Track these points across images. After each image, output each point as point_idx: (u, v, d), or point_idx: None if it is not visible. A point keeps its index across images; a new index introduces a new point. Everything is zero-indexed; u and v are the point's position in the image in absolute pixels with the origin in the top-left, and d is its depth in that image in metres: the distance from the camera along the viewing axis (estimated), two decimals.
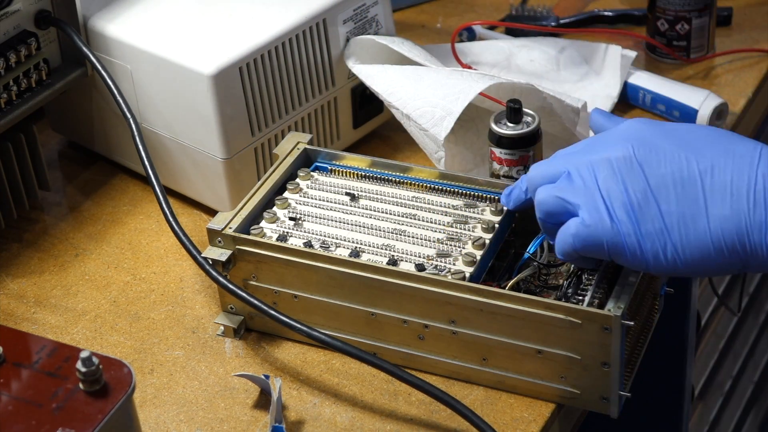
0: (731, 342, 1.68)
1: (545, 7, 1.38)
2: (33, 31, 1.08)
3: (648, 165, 0.84)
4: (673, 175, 0.84)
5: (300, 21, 1.10)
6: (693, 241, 0.83)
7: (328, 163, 1.05)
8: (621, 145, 0.85)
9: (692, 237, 0.83)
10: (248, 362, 0.97)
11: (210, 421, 0.92)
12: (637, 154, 0.84)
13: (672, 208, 0.83)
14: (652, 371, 1.21)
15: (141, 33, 1.10)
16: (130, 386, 0.75)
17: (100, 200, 1.17)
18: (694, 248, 0.83)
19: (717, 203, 0.82)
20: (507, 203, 0.94)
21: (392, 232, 0.97)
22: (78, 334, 1.01)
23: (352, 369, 0.96)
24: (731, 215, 0.82)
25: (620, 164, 0.85)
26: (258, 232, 0.97)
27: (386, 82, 1.11)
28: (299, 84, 1.11)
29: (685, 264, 0.83)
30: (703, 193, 0.83)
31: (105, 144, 1.20)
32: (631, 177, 0.84)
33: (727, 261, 0.83)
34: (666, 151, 0.84)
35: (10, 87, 1.06)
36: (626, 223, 0.84)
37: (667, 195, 0.83)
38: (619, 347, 0.87)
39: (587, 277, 0.91)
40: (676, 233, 0.83)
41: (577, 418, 0.97)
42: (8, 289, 1.06)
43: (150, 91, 1.10)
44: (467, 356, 0.93)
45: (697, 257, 0.83)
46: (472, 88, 1.05)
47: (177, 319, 1.02)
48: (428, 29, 1.40)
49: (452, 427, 0.91)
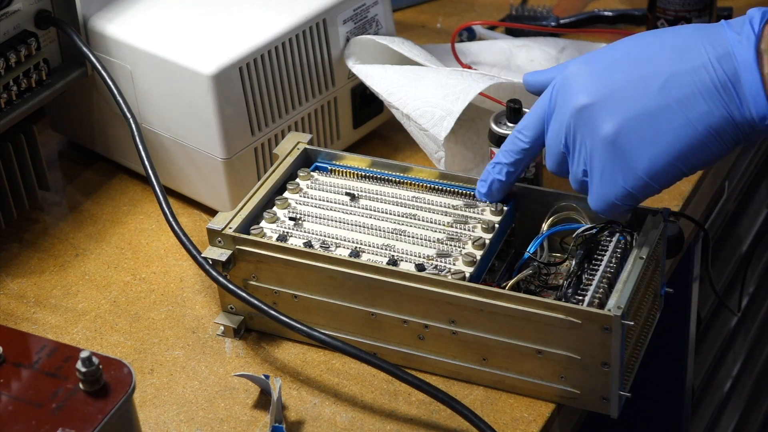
0: (731, 342, 1.68)
1: (545, 7, 1.38)
2: (33, 31, 1.08)
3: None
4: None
5: (300, 21, 1.10)
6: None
7: (328, 163, 1.05)
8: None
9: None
10: (248, 362, 0.97)
11: (210, 421, 0.93)
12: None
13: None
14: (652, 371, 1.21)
15: (141, 33, 1.10)
16: (130, 386, 0.75)
17: (100, 200, 1.17)
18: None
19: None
20: (488, 193, 0.97)
21: (392, 232, 0.97)
22: (78, 334, 1.01)
23: (352, 369, 0.96)
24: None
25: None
26: (258, 232, 0.97)
27: (386, 82, 1.11)
28: (299, 84, 1.11)
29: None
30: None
31: (105, 144, 1.20)
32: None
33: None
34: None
35: (10, 87, 1.06)
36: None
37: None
38: (619, 347, 0.87)
39: (587, 277, 0.91)
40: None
41: (577, 418, 0.97)
42: (8, 289, 1.06)
43: (150, 91, 1.10)
44: (467, 356, 0.93)
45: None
46: (472, 88, 1.05)
47: (177, 319, 1.02)
48: (428, 29, 1.40)
49: (452, 427, 0.91)
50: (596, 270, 0.91)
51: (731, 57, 0.83)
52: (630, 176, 0.86)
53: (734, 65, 0.83)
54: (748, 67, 0.82)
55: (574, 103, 0.87)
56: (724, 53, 0.83)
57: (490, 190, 0.96)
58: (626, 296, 0.87)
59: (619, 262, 0.92)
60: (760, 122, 0.83)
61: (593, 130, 0.86)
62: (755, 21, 0.83)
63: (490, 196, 0.97)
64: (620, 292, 0.88)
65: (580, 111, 0.87)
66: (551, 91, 0.90)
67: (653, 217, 0.94)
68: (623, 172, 0.86)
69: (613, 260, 0.92)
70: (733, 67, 0.83)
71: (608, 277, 0.90)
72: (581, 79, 0.87)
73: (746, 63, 0.82)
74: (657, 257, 0.96)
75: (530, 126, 0.92)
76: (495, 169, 0.96)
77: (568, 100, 0.88)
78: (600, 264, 0.91)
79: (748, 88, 0.82)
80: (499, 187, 0.96)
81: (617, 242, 0.93)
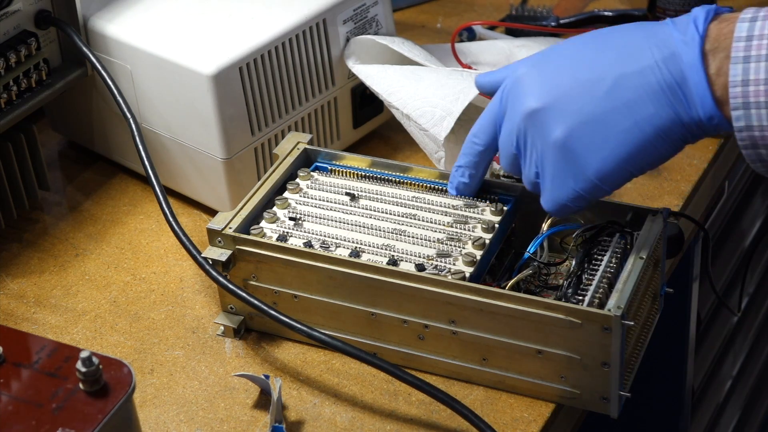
0: (731, 342, 1.68)
1: (545, 7, 1.38)
2: (33, 31, 1.08)
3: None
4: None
5: (300, 21, 1.10)
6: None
7: (328, 163, 1.05)
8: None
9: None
10: (248, 362, 0.97)
11: (210, 421, 0.93)
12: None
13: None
14: (652, 371, 1.21)
15: (141, 33, 1.10)
16: (130, 386, 0.75)
17: (100, 200, 1.17)
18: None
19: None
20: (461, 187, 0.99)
21: (392, 232, 0.97)
22: (78, 334, 1.01)
23: (352, 369, 0.96)
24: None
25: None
26: (258, 232, 0.97)
27: (386, 82, 1.11)
28: (299, 84, 1.11)
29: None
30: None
31: (105, 144, 1.20)
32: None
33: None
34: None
35: (10, 87, 1.06)
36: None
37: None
38: (619, 347, 0.87)
39: (587, 277, 0.91)
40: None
41: (577, 418, 0.97)
42: (8, 289, 1.06)
43: (150, 91, 1.10)
44: (467, 356, 0.93)
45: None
46: (472, 88, 1.05)
47: (177, 319, 1.02)
48: (428, 29, 1.40)
49: (452, 427, 0.91)
50: (596, 270, 0.91)
51: (677, 58, 0.83)
52: (580, 179, 0.87)
53: (680, 67, 0.83)
54: (693, 68, 0.82)
55: (524, 107, 0.88)
56: (669, 54, 0.83)
57: (458, 191, 0.99)
58: (626, 296, 0.87)
59: (619, 262, 0.92)
60: (707, 122, 0.83)
61: (543, 135, 0.87)
62: (699, 21, 0.83)
63: (460, 194, 0.99)
64: (620, 292, 0.88)
65: (530, 115, 0.87)
66: (501, 93, 0.91)
67: (653, 217, 0.94)
68: (574, 175, 0.87)
69: (613, 260, 0.92)
70: (679, 69, 0.83)
71: (608, 277, 0.90)
72: (530, 83, 0.88)
73: (691, 64, 0.82)
74: (657, 257, 0.96)
75: (483, 129, 0.94)
76: (458, 173, 0.98)
77: (518, 104, 0.89)
78: (600, 264, 0.91)
79: (695, 89, 0.82)
80: (465, 188, 0.98)
81: (617, 242, 0.93)
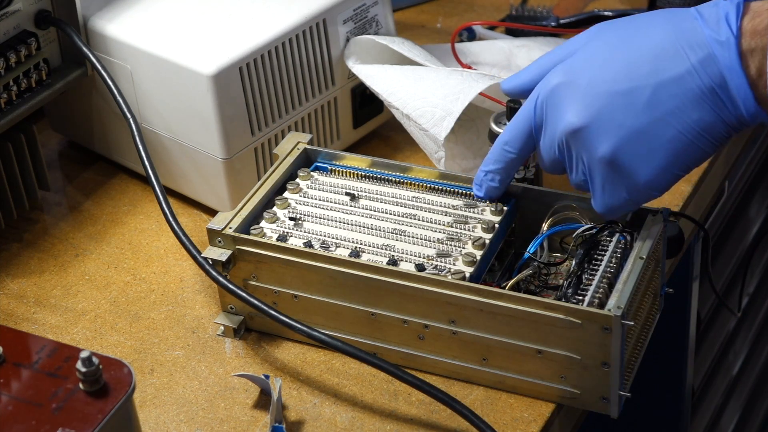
0: (731, 342, 1.68)
1: (545, 7, 1.38)
2: (33, 31, 1.08)
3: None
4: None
5: (300, 21, 1.10)
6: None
7: (328, 163, 1.05)
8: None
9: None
10: (248, 362, 0.97)
11: (210, 421, 0.93)
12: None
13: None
14: (652, 371, 1.20)
15: (141, 33, 1.10)
16: (130, 386, 0.75)
17: (100, 200, 1.17)
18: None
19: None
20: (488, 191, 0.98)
21: (392, 232, 0.97)
22: (78, 334, 1.01)
23: (352, 369, 0.96)
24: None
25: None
26: (258, 232, 0.97)
27: (386, 82, 1.11)
28: (299, 84, 1.11)
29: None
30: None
31: (105, 144, 1.20)
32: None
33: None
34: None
35: (10, 87, 1.06)
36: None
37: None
38: (619, 347, 0.87)
39: (587, 277, 0.91)
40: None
41: (577, 418, 0.97)
42: (8, 289, 1.06)
43: (150, 91, 1.10)
44: (467, 356, 0.93)
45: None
46: (472, 88, 1.05)
47: (177, 319, 1.02)
48: (428, 29, 1.40)
49: (452, 427, 0.91)
50: (596, 270, 0.91)
51: (713, 60, 0.83)
52: (632, 189, 0.88)
53: (718, 69, 0.82)
54: (733, 71, 0.82)
55: (564, 125, 0.88)
56: (705, 56, 0.83)
57: (487, 195, 0.98)
58: (626, 296, 0.87)
59: (619, 262, 0.92)
60: (751, 120, 0.83)
61: (589, 151, 0.88)
62: (731, 17, 0.83)
63: (489, 198, 0.98)
64: (620, 292, 0.88)
65: (572, 134, 0.88)
66: (534, 103, 0.91)
67: (653, 217, 0.94)
68: (625, 186, 0.88)
69: (613, 260, 0.92)
70: (718, 72, 0.82)
71: (608, 277, 0.90)
72: (566, 97, 0.88)
73: (731, 67, 0.82)
74: (657, 257, 0.96)
75: (517, 138, 0.94)
76: (488, 177, 0.97)
77: (558, 119, 0.89)
78: (600, 264, 0.91)
79: (737, 92, 0.82)
80: (495, 192, 0.98)
81: (617, 242, 0.93)
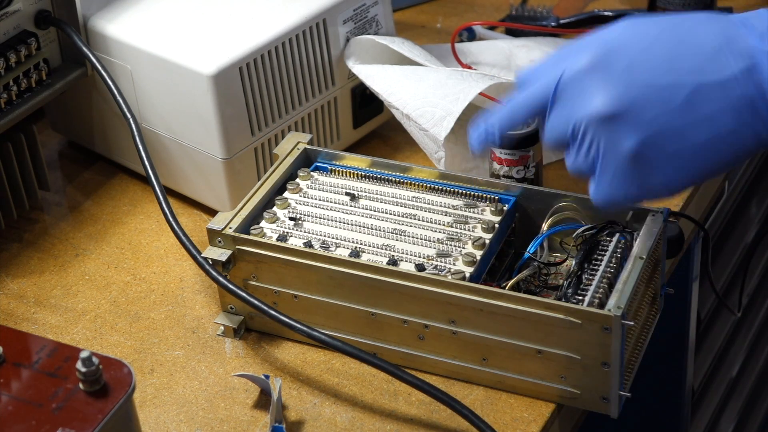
0: (731, 342, 1.68)
1: (545, 7, 1.38)
2: (33, 31, 1.08)
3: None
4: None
5: (300, 21, 1.10)
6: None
7: (328, 163, 1.05)
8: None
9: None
10: (248, 362, 0.97)
11: (210, 421, 0.93)
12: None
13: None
14: (652, 371, 1.21)
15: (141, 33, 1.10)
16: (130, 386, 0.75)
17: (100, 200, 1.17)
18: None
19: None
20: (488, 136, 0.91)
21: (392, 232, 0.97)
22: (78, 334, 1.01)
23: (352, 369, 0.96)
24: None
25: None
26: (258, 232, 0.97)
27: (386, 82, 1.11)
28: (299, 84, 1.11)
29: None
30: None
31: (105, 144, 1.20)
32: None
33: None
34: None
35: (10, 87, 1.06)
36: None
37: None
38: (619, 347, 0.87)
39: (587, 277, 0.91)
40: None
41: (577, 418, 0.97)
42: (8, 289, 1.06)
43: (150, 91, 1.10)
44: (467, 356, 0.93)
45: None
46: (472, 88, 1.05)
47: (177, 319, 1.02)
48: (428, 29, 1.40)
49: (452, 427, 0.91)
50: (596, 270, 0.91)
51: (757, 70, 0.79)
52: (644, 187, 0.83)
53: (760, 80, 0.79)
54: None
55: (591, 109, 0.82)
56: (750, 66, 0.79)
57: (486, 135, 0.91)
58: (626, 296, 0.87)
59: (619, 262, 0.92)
60: None
61: (613, 142, 0.82)
62: None
63: (485, 143, 0.91)
64: (620, 292, 0.88)
65: (599, 120, 0.82)
66: (558, 81, 0.85)
67: (653, 217, 0.94)
68: (639, 183, 0.83)
69: (613, 260, 0.92)
70: (759, 83, 0.79)
71: (608, 277, 0.90)
72: (597, 81, 0.82)
73: None
74: (657, 257, 0.96)
75: (525, 113, 0.88)
76: (488, 125, 0.90)
77: (583, 103, 0.83)
78: (600, 264, 0.91)
79: None
80: (492, 139, 0.91)
81: (617, 242, 0.93)
